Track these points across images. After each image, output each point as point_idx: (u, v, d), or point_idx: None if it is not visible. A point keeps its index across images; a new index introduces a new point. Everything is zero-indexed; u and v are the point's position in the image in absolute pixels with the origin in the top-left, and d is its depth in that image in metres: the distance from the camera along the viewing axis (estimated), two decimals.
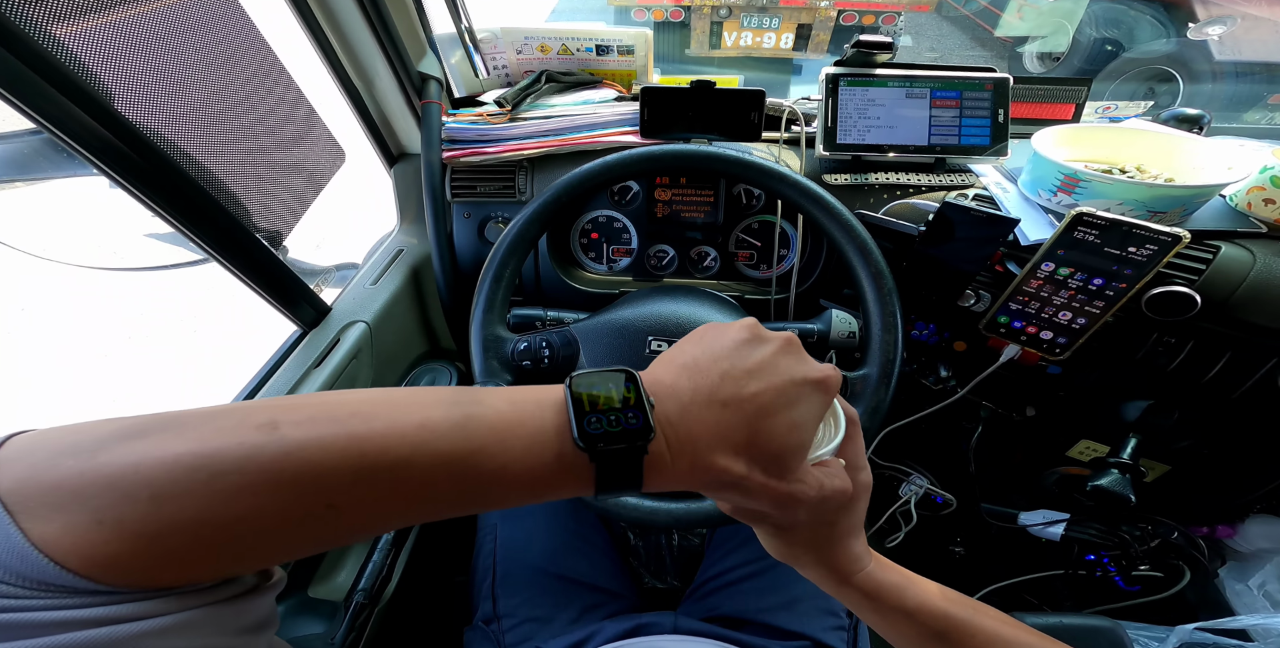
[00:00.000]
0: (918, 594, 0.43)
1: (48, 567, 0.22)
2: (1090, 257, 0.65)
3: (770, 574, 0.76)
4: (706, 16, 3.83)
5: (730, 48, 4.00)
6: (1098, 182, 0.67)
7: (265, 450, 0.24)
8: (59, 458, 0.23)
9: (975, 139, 0.81)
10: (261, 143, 0.73)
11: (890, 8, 3.86)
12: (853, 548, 0.43)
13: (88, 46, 0.49)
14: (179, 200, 0.57)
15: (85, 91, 0.46)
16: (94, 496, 0.23)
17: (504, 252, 0.72)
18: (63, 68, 0.45)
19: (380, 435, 0.26)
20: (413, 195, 1.01)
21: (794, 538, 0.41)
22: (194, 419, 0.25)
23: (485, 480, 0.28)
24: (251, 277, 0.68)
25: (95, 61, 0.49)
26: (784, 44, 3.97)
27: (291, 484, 0.25)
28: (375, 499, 0.26)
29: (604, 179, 0.73)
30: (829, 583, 0.44)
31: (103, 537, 0.22)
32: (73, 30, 0.47)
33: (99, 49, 0.51)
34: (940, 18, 5.36)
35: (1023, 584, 1.04)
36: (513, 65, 1.03)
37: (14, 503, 0.22)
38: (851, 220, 0.69)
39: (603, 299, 0.97)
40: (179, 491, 0.23)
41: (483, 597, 0.77)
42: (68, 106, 0.45)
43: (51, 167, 0.72)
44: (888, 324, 0.67)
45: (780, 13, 3.84)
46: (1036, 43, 4.09)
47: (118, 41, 0.53)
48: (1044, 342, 0.74)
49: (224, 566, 0.26)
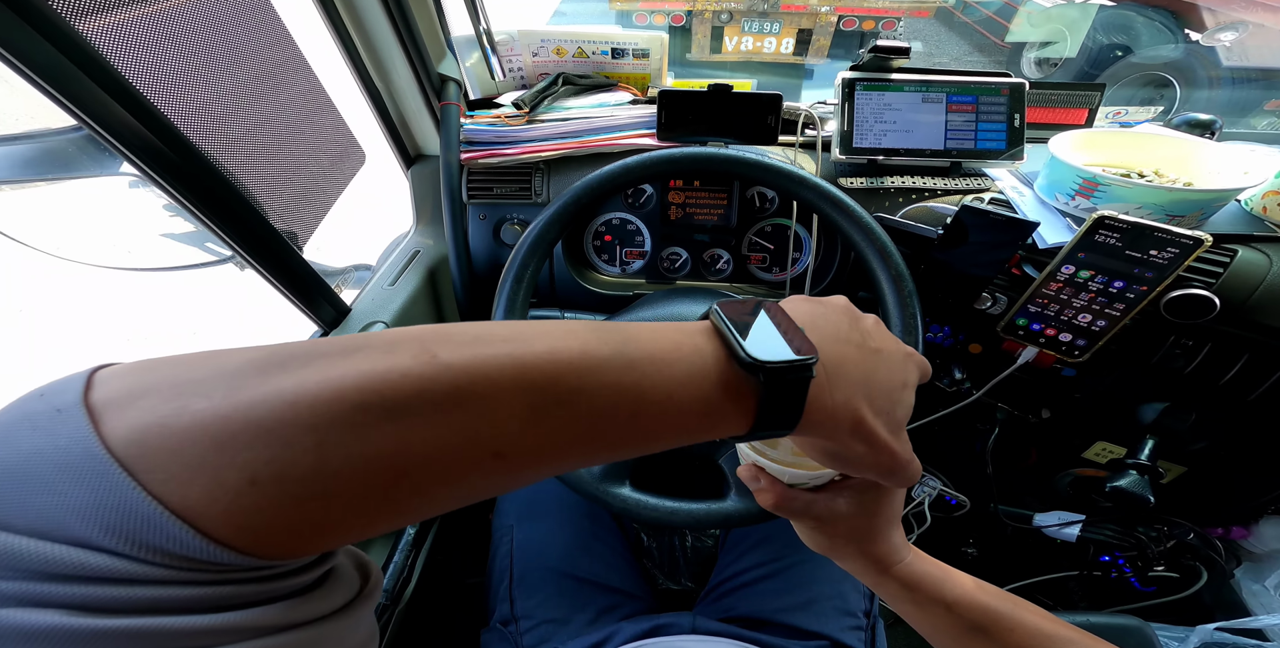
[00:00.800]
0: (956, 587, 0.43)
1: (193, 540, 0.17)
2: (1111, 260, 0.66)
3: (787, 575, 0.76)
4: (708, 21, 3.86)
5: (731, 52, 4.02)
6: (1117, 185, 0.67)
7: (437, 383, 0.21)
8: (185, 399, 0.19)
9: (991, 143, 0.82)
10: (288, 142, 0.73)
11: (890, 13, 3.90)
12: (892, 538, 0.43)
13: (123, 41, 0.49)
14: (211, 199, 0.57)
15: (126, 88, 0.46)
16: (245, 446, 0.18)
17: (524, 253, 0.72)
18: (105, 64, 0.45)
19: (547, 362, 0.23)
20: (429, 196, 1.02)
21: (835, 529, 0.42)
22: (335, 349, 0.21)
23: (653, 413, 0.25)
24: (277, 276, 0.68)
25: (130, 57, 0.50)
26: (784, 49, 4.00)
27: (465, 420, 0.21)
28: (548, 435, 0.23)
29: (623, 181, 0.74)
30: (869, 574, 0.44)
31: (259, 499, 0.18)
32: (108, 22, 0.47)
33: (134, 43, 0.51)
34: (939, 24, 5.41)
35: (1037, 585, 1.05)
36: (528, 68, 1.03)
37: (133, 460, 0.17)
38: (872, 224, 0.69)
39: (616, 301, 0.98)
40: (350, 435, 0.19)
41: (500, 598, 0.76)
42: (109, 103, 0.45)
43: (75, 166, 0.73)
44: (908, 327, 0.67)
45: (781, 18, 3.87)
46: (1037, 49, 4.12)
47: (151, 36, 0.53)
48: (1063, 344, 0.74)
49: (386, 521, 0.22)
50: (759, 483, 0.41)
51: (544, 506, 0.83)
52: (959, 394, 0.94)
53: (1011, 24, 4.08)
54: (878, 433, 0.31)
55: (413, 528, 0.77)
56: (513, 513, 0.84)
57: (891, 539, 0.43)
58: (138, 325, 2.57)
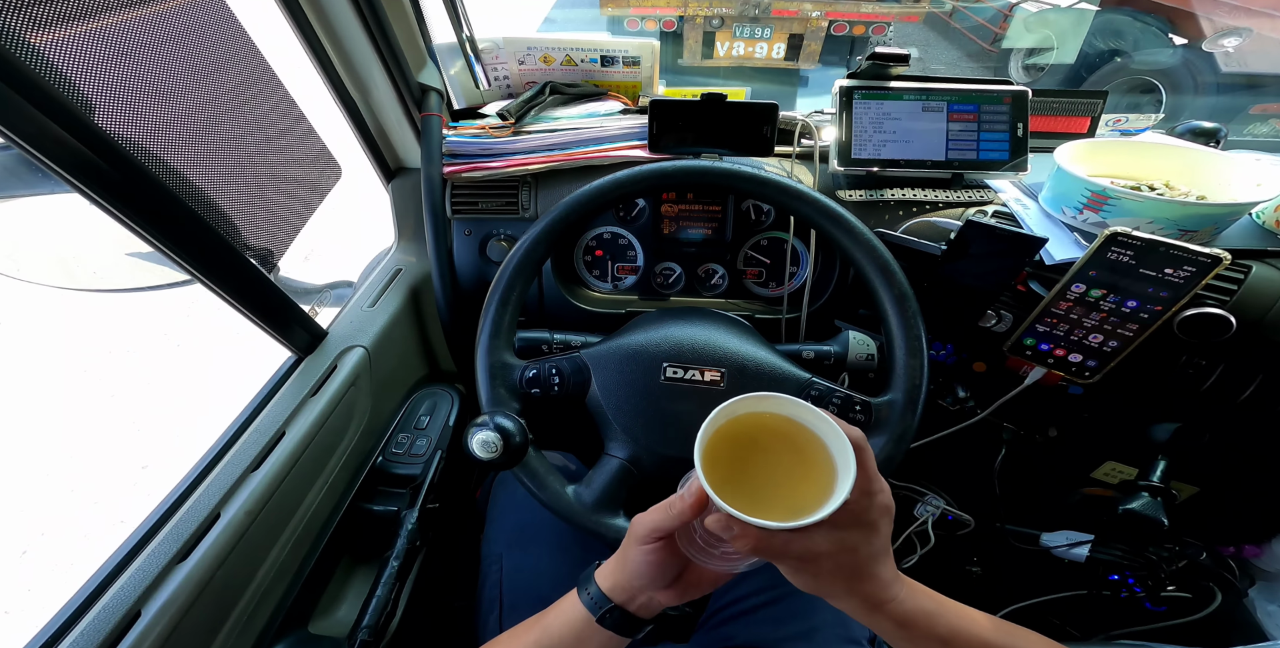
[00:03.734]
0: (951, 622, 0.43)
1: None
2: (1124, 278, 0.62)
3: (787, 602, 0.73)
4: (699, 26, 3.86)
5: (723, 58, 4.01)
6: (1127, 199, 0.64)
7: None
8: None
9: (994, 154, 0.79)
10: (252, 157, 0.69)
11: (880, 18, 3.90)
12: (880, 574, 0.42)
13: (65, 55, 0.46)
14: (160, 219, 0.53)
15: (59, 103, 0.43)
16: None
17: (510, 273, 0.69)
18: (36, 78, 0.41)
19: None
20: (411, 211, 0.98)
21: (819, 568, 0.40)
22: None
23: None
24: (241, 301, 0.64)
25: (73, 71, 0.46)
26: (775, 54, 4.00)
27: None
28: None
29: (615, 196, 0.71)
30: (860, 612, 0.43)
31: None
32: (48, 38, 0.43)
33: (77, 58, 0.47)
34: (928, 29, 5.43)
35: (1045, 605, 1.02)
36: (514, 76, 1.00)
37: None
38: (874, 241, 0.66)
39: (608, 319, 0.94)
40: None
41: (489, 629, 0.73)
42: (40, 120, 0.41)
43: (22, 184, 0.68)
44: (913, 348, 0.64)
45: (772, 23, 3.87)
46: (1025, 55, 4.13)
47: (98, 50, 0.49)
48: (1072, 365, 0.71)
49: None
50: (732, 531, 0.39)
51: (534, 533, 0.80)
52: (963, 413, 0.91)
53: (1007, 29, 4.08)
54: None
55: (395, 561, 0.73)
56: (502, 541, 0.81)
57: (880, 575, 0.41)
58: (116, 340, 2.51)
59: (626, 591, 0.47)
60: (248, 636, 0.62)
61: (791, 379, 0.66)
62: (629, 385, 0.66)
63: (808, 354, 0.74)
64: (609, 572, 0.49)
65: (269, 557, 0.64)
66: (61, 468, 2.03)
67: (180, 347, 2.47)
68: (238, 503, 0.59)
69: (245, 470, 0.62)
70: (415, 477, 0.84)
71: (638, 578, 0.46)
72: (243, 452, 0.63)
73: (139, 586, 0.51)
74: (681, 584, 0.48)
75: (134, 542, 0.54)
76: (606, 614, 0.47)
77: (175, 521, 0.56)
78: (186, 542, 0.55)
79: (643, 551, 0.45)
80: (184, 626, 0.52)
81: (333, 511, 0.76)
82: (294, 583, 0.69)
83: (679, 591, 0.48)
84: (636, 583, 0.47)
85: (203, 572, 0.54)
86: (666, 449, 0.65)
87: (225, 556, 0.57)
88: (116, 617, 0.49)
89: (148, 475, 1.99)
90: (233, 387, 2.25)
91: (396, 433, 0.88)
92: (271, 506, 0.63)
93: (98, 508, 1.90)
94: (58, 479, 1.99)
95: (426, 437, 0.88)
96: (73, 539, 1.81)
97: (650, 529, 0.44)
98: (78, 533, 1.83)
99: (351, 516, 0.79)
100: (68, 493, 1.95)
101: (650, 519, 0.45)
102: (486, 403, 0.65)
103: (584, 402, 0.68)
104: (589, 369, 0.67)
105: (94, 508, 1.90)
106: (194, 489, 0.59)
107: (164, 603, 0.51)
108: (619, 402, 0.66)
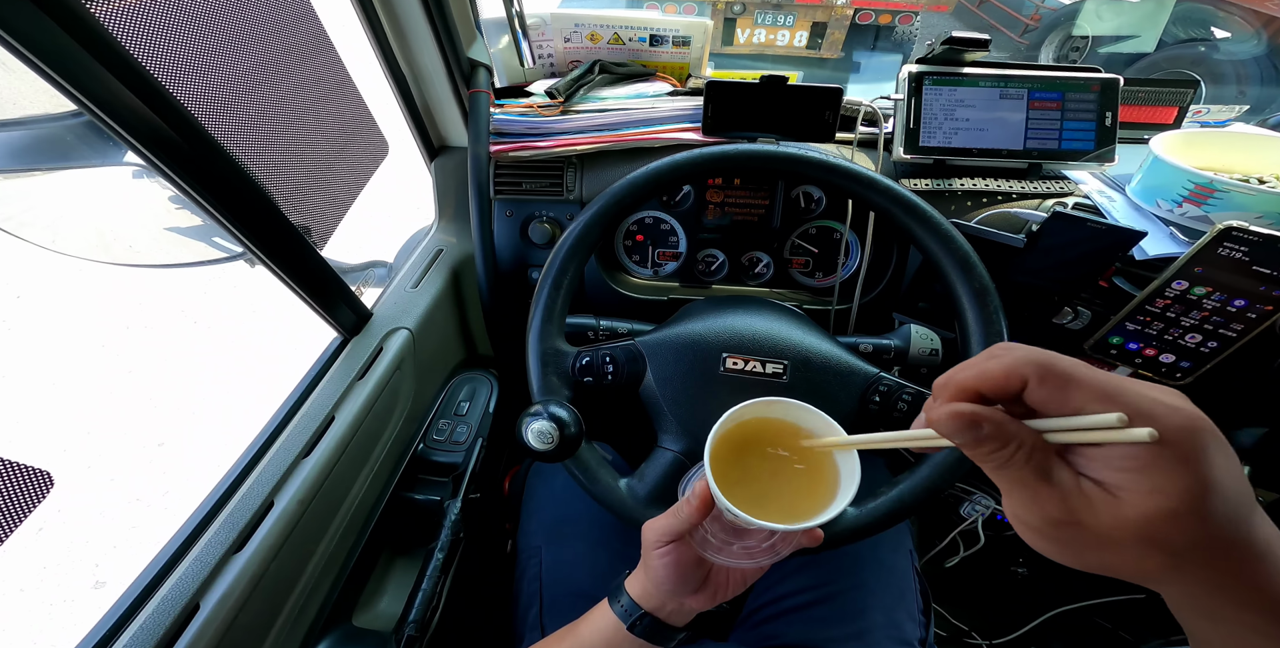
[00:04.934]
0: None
1: None
2: (1234, 275, 0.59)
3: (837, 602, 0.71)
4: (720, 12, 3.78)
5: (743, 45, 3.93)
6: (1237, 192, 0.61)
7: None
8: None
9: (1078, 144, 0.75)
10: (312, 133, 0.66)
11: (908, 7, 3.82)
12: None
13: (133, 18, 0.43)
14: (225, 193, 0.50)
15: (134, 69, 0.40)
16: None
17: (564, 256, 0.66)
18: (113, 41, 0.38)
19: None
20: (453, 191, 0.95)
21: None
22: None
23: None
24: (293, 277, 0.61)
25: (148, 41, 0.43)
26: (798, 42, 3.91)
27: None
28: None
29: (671, 179, 0.68)
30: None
31: None
32: (124, 4, 0.40)
33: (144, 21, 0.44)
34: (955, 19, 5.32)
35: (1096, 608, 0.99)
36: (559, 54, 0.97)
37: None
38: (952, 232, 0.63)
39: (648, 306, 0.92)
40: None
41: (530, 626, 0.72)
42: (116, 86, 0.38)
43: (74, 155, 0.66)
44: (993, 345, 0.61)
45: (795, 10, 3.79)
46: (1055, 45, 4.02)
47: (164, 14, 0.46)
48: (1163, 365, 0.68)
49: None
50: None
51: (573, 526, 0.79)
52: None
53: (1079, 17, 3.92)
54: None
55: (440, 553, 0.71)
56: (540, 534, 0.79)
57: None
58: (137, 314, 2.49)
59: (655, 598, 0.47)
60: (299, 628, 0.60)
61: (859, 373, 0.63)
62: (686, 376, 0.63)
63: (865, 347, 0.71)
64: (637, 580, 0.48)
65: (319, 547, 0.62)
66: (79, 444, 2.02)
67: (197, 324, 2.45)
68: (290, 491, 0.57)
69: (297, 457, 0.59)
70: (456, 465, 0.81)
71: (662, 584, 0.46)
72: (293, 437, 0.61)
73: (197, 577, 0.49)
74: (710, 587, 0.47)
75: (189, 530, 0.51)
76: (637, 622, 0.47)
77: (230, 508, 0.54)
78: (242, 531, 0.53)
79: (658, 555, 0.45)
80: (240, 620, 0.50)
81: (377, 500, 0.74)
82: (340, 575, 0.67)
83: (708, 594, 0.47)
84: (663, 590, 0.46)
85: (259, 563, 0.52)
86: None
87: (280, 545, 0.54)
88: (176, 610, 0.46)
89: (164, 453, 1.99)
90: (250, 366, 2.24)
91: (437, 419, 0.86)
92: (322, 494, 0.61)
93: (114, 485, 1.89)
94: (75, 456, 1.98)
95: (467, 424, 0.86)
96: (89, 518, 1.81)
97: (661, 534, 0.45)
98: (94, 511, 1.82)
99: (394, 505, 0.76)
100: (84, 469, 1.94)
101: (660, 525, 0.45)
102: (538, 391, 0.63)
103: (637, 392, 0.65)
104: (644, 358, 0.65)
105: (110, 485, 1.89)
106: (246, 476, 0.57)
107: (222, 595, 0.49)
108: (675, 393, 0.63)
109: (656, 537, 0.45)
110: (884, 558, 0.76)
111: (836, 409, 0.62)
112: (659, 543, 0.45)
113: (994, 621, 1.09)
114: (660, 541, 0.45)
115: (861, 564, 0.74)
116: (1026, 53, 4.36)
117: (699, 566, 0.46)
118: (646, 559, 0.47)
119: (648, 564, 0.46)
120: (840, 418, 0.62)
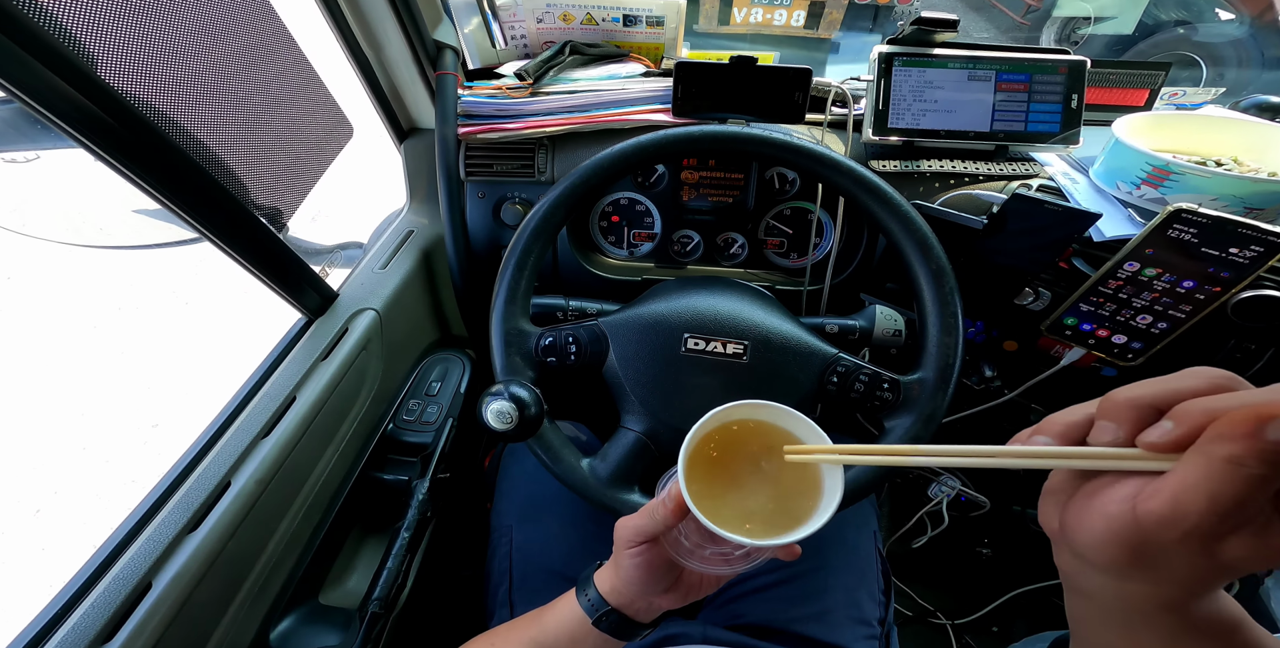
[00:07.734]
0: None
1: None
2: (1183, 257, 0.59)
3: (800, 582, 0.73)
4: None
5: (739, 24, 3.87)
6: (1192, 174, 0.60)
7: None
8: None
9: (1044, 126, 0.75)
10: (262, 115, 0.66)
11: None
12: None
13: (69, 8, 0.42)
14: (169, 176, 0.50)
15: (62, 56, 0.39)
16: None
17: (528, 237, 0.66)
18: (36, 29, 0.38)
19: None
20: (423, 173, 0.94)
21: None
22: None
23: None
24: (252, 261, 0.61)
25: (77, 25, 0.43)
26: (795, 21, 3.83)
27: None
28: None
29: (636, 161, 0.67)
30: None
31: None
32: None
33: (81, 11, 0.43)
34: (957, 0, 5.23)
35: (1054, 589, 1.01)
36: (531, 35, 0.95)
37: None
38: (911, 213, 0.63)
39: (622, 286, 0.92)
40: None
41: (499, 603, 0.73)
42: (42, 72, 0.38)
43: (24, 139, 0.65)
44: (948, 326, 0.61)
45: None
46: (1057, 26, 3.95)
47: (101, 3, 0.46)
48: (1115, 346, 0.68)
49: None
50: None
51: (545, 505, 0.80)
52: (988, 392, 0.89)
53: (1042, 1, 3.86)
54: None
55: (406, 532, 0.72)
56: (512, 513, 0.80)
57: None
58: (126, 296, 2.50)
59: (624, 595, 0.46)
60: (259, 607, 0.61)
61: (817, 354, 0.63)
62: (648, 356, 0.64)
63: (831, 328, 0.72)
64: (607, 576, 0.48)
65: (280, 527, 0.63)
66: (73, 426, 2.04)
67: (188, 305, 2.46)
68: (248, 471, 0.58)
69: (256, 437, 0.60)
70: (426, 445, 0.82)
71: (632, 583, 0.45)
72: (253, 418, 0.62)
73: (149, 556, 0.49)
74: (682, 587, 0.47)
75: (144, 511, 0.52)
76: (603, 618, 0.46)
77: (185, 489, 0.54)
78: (197, 511, 0.53)
79: (629, 555, 0.44)
80: (195, 597, 0.51)
81: (343, 479, 0.75)
82: (305, 554, 0.69)
83: (679, 594, 0.47)
84: (632, 589, 0.45)
85: (214, 542, 0.53)
86: (684, 424, 0.63)
87: (236, 525, 0.55)
88: (127, 589, 0.47)
89: (158, 434, 2.01)
90: (240, 345, 2.25)
91: (407, 400, 0.86)
92: (282, 474, 0.61)
93: (109, 467, 1.92)
94: (70, 437, 2.00)
95: (437, 404, 0.87)
96: (86, 498, 1.83)
97: (634, 534, 0.43)
98: (90, 492, 1.85)
99: (362, 485, 0.78)
100: (80, 451, 1.96)
101: (633, 524, 0.44)
102: (501, 371, 0.63)
103: (600, 372, 0.66)
104: (607, 338, 0.65)
105: (106, 467, 1.92)
106: (203, 456, 0.58)
107: (175, 575, 0.50)
108: (637, 373, 0.64)
109: (629, 536, 0.44)
110: (849, 538, 0.77)
111: (796, 390, 0.63)
112: (631, 543, 0.44)
113: (959, 600, 1.11)
114: (633, 540, 0.44)
115: (826, 544, 0.75)
116: (1028, 34, 4.29)
117: (671, 567, 0.45)
118: (618, 558, 0.46)
119: (619, 563, 0.45)
120: (799, 398, 0.63)
